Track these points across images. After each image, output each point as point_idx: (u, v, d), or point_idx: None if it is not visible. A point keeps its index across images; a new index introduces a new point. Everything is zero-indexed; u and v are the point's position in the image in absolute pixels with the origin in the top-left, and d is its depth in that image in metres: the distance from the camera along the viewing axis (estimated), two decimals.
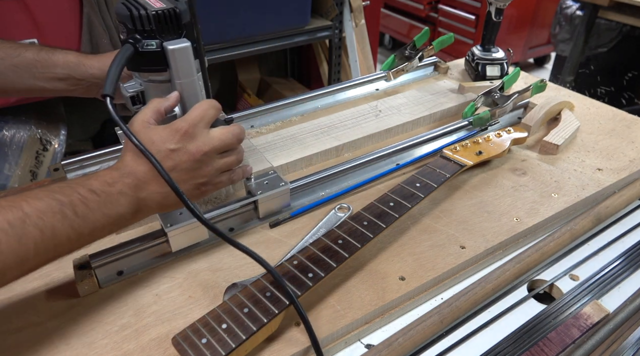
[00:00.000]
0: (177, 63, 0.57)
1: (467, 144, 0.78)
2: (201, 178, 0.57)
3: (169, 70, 0.58)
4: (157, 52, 0.57)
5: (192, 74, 0.59)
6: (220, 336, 0.48)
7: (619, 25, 2.22)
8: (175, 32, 0.58)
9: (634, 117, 0.96)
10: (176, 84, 0.59)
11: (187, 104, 0.60)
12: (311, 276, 0.54)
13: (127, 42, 0.56)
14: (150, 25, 0.56)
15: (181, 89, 0.60)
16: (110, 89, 0.53)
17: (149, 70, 0.59)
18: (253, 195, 0.67)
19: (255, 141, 0.84)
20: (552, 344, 0.53)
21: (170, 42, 0.57)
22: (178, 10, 0.57)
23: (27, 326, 0.55)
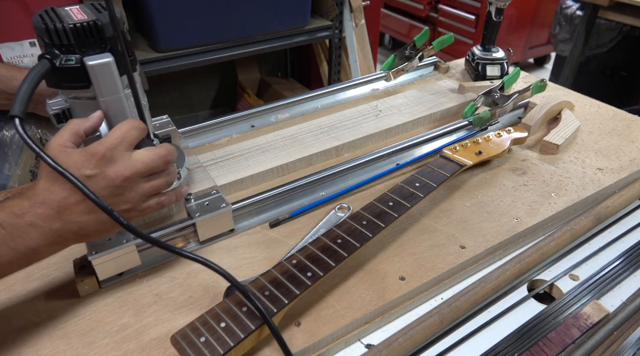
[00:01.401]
0: (98, 79, 0.52)
1: (467, 144, 0.78)
2: (124, 205, 0.52)
3: (92, 87, 0.53)
4: (77, 68, 0.51)
5: (117, 91, 0.54)
6: (219, 335, 0.48)
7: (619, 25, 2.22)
8: (98, 46, 0.52)
9: (634, 116, 0.96)
10: (100, 102, 0.54)
11: (114, 123, 0.55)
12: (310, 275, 0.54)
13: (44, 57, 0.51)
14: (68, 39, 0.51)
15: (106, 107, 0.54)
16: (18, 110, 0.47)
17: (71, 87, 0.54)
18: (191, 218, 0.64)
19: (255, 141, 0.84)
20: (552, 344, 0.53)
21: (91, 58, 0.52)
22: (100, 22, 0.52)
23: (28, 326, 0.55)
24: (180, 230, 0.64)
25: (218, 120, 0.90)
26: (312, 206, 0.72)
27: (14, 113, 0.47)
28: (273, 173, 0.78)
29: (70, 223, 0.48)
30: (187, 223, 0.63)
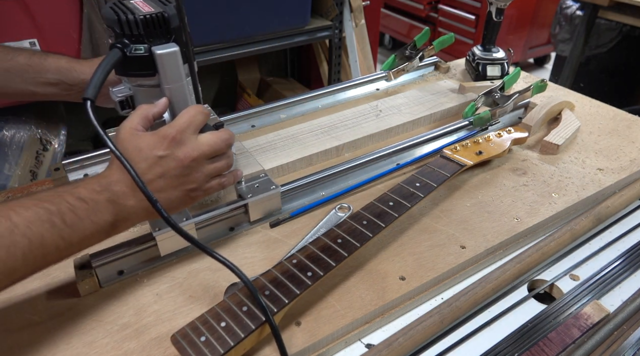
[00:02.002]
0: (165, 68, 0.57)
1: (467, 144, 0.78)
2: (191, 184, 0.56)
3: (158, 75, 0.58)
4: (146, 57, 0.56)
5: (180, 78, 0.59)
6: (219, 335, 0.48)
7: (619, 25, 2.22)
8: (164, 37, 0.57)
9: (634, 117, 0.96)
10: (165, 89, 0.58)
11: (177, 109, 0.60)
12: (310, 275, 0.54)
13: (115, 46, 0.55)
14: (138, 30, 0.55)
15: (170, 94, 0.59)
16: (91, 93, 0.52)
17: (138, 75, 0.58)
18: (243, 199, 0.67)
19: (255, 141, 0.84)
20: (552, 344, 0.53)
21: (159, 47, 0.56)
22: (166, 14, 0.56)
23: (28, 325, 0.55)
24: (233, 211, 0.67)
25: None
26: (312, 206, 0.72)
27: (86, 96, 0.52)
28: (273, 173, 0.78)
29: (142, 200, 0.51)
30: (240, 204, 0.67)
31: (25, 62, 0.68)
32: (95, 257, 0.59)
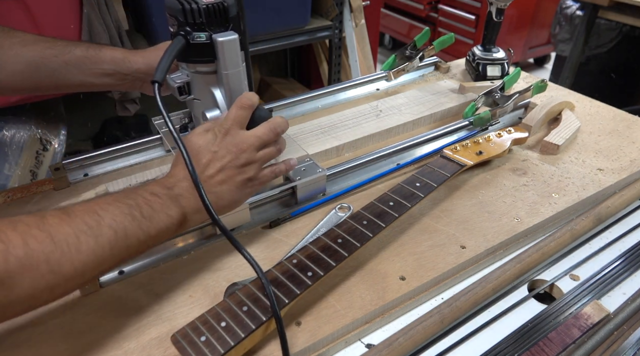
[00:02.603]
0: (225, 54, 0.60)
1: (467, 144, 0.78)
2: (246, 174, 0.59)
3: (217, 61, 0.61)
4: (207, 44, 0.60)
5: (238, 65, 0.63)
6: (220, 335, 0.48)
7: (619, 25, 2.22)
8: (223, 25, 0.60)
9: (634, 117, 0.96)
10: (223, 75, 0.62)
11: (233, 94, 0.64)
12: (310, 275, 0.54)
13: (179, 34, 0.59)
14: (200, 19, 0.59)
15: (227, 79, 0.63)
16: (160, 76, 0.57)
17: (198, 62, 0.62)
18: (291, 181, 0.71)
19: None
20: (552, 344, 0.53)
21: (219, 35, 0.60)
22: (226, 4, 0.60)
23: (28, 325, 0.55)
24: (282, 192, 0.72)
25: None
26: (312, 206, 0.72)
27: (155, 79, 0.57)
28: None
29: (209, 193, 0.55)
30: (289, 186, 0.71)
31: (83, 54, 0.71)
32: None
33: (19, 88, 0.72)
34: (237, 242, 0.53)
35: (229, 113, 0.60)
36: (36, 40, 0.70)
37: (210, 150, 0.57)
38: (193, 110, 0.71)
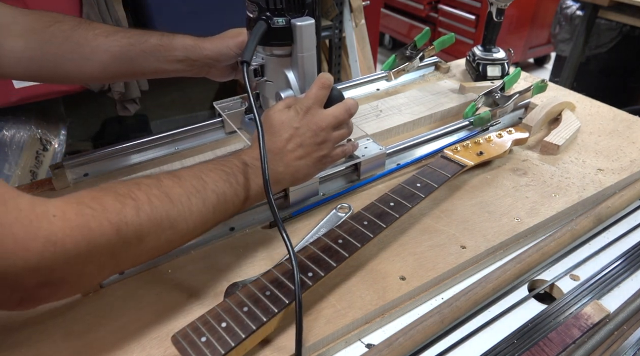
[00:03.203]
0: (302, 38, 0.65)
1: (468, 144, 0.78)
2: (322, 152, 0.64)
3: (293, 44, 0.66)
4: (286, 28, 0.65)
5: (312, 48, 0.67)
6: (220, 335, 0.48)
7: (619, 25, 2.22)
8: (299, 11, 0.65)
9: (634, 117, 0.96)
10: (298, 57, 0.67)
11: (306, 75, 0.69)
12: (311, 275, 0.54)
13: (261, 19, 0.64)
14: (280, 5, 0.63)
15: (302, 61, 0.67)
16: (248, 56, 0.62)
17: (275, 45, 0.67)
18: (354, 158, 0.77)
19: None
20: (552, 344, 0.53)
21: (297, 19, 0.64)
22: None
23: (29, 324, 0.55)
24: (347, 168, 0.77)
25: (219, 119, 0.90)
26: (312, 206, 0.72)
27: (244, 59, 0.62)
28: None
29: (289, 166, 0.61)
30: (354, 162, 0.76)
31: (157, 42, 0.75)
32: None
33: (105, 77, 0.76)
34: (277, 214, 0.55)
35: (309, 92, 0.64)
36: (115, 30, 0.74)
37: (292, 126, 0.61)
38: (264, 92, 0.74)
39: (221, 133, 0.91)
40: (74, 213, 0.43)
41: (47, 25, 0.70)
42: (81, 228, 0.42)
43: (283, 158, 0.61)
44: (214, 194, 0.54)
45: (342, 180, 0.78)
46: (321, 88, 0.64)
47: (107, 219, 0.44)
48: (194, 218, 0.52)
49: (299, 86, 0.70)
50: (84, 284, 0.48)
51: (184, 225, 0.51)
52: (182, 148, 0.86)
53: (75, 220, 0.42)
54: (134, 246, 0.47)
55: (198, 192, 0.53)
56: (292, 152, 0.61)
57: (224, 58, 0.77)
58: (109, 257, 0.46)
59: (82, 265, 0.44)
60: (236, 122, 0.85)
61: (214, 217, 0.55)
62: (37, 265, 0.40)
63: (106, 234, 0.44)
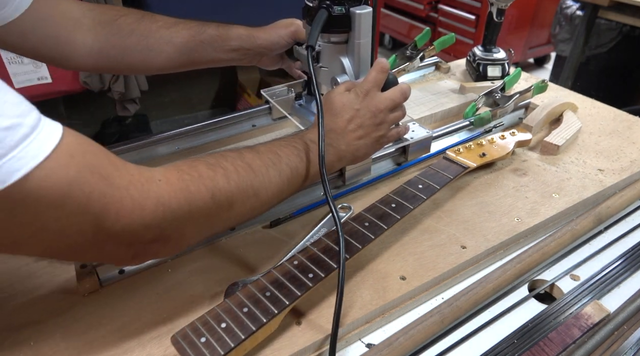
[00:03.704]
0: (361, 25, 0.68)
1: (470, 146, 0.78)
2: (379, 132, 0.67)
3: (351, 32, 0.69)
4: (344, 16, 0.68)
5: (369, 35, 0.70)
6: (220, 336, 0.48)
7: (619, 25, 2.22)
8: (357, 0, 0.68)
9: (635, 117, 0.96)
10: (355, 44, 0.70)
11: (362, 61, 0.72)
12: (311, 276, 0.54)
13: (322, 7, 0.67)
14: None
15: (359, 48, 0.70)
16: (313, 42, 0.66)
17: (334, 32, 0.70)
18: (403, 141, 0.79)
19: (256, 140, 0.84)
20: (552, 344, 0.53)
21: (356, 7, 0.67)
22: None
23: (29, 324, 0.55)
24: (396, 150, 0.81)
25: (218, 119, 0.90)
26: (312, 206, 0.72)
27: (309, 44, 0.66)
28: None
29: (350, 145, 0.64)
30: (402, 145, 0.80)
31: (215, 33, 0.78)
32: None
33: (167, 67, 0.79)
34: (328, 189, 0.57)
35: (368, 76, 0.66)
36: (175, 22, 0.77)
37: (353, 107, 0.64)
38: (317, 78, 0.75)
39: (268, 119, 0.94)
40: (176, 178, 0.48)
41: (113, 18, 0.73)
42: (183, 192, 0.47)
43: (345, 138, 0.64)
44: (287, 167, 0.58)
45: (390, 161, 0.82)
46: (380, 72, 0.66)
47: (204, 184, 0.49)
48: (272, 188, 0.56)
49: (354, 72, 0.73)
50: (184, 243, 0.52)
51: (265, 194, 0.56)
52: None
53: (177, 184, 0.47)
54: (225, 211, 0.52)
55: (274, 164, 0.57)
56: (353, 131, 0.64)
57: (276, 47, 0.82)
58: (205, 219, 0.51)
59: (184, 224, 0.48)
60: (285, 108, 0.88)
61: (288, 188, 0.59)
62: (150, 223, 0.45)
63: (203, 198, 0.49)
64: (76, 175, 0.39)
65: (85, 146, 0.42)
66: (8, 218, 0.37)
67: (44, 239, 0.40)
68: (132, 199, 0.43)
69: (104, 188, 0.41)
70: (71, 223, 0.40)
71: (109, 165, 0.43)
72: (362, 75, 0.73)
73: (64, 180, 0.38)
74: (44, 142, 0.37)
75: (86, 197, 0.40)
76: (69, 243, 0.42)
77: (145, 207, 0.44)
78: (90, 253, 0.46)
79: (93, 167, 0.41)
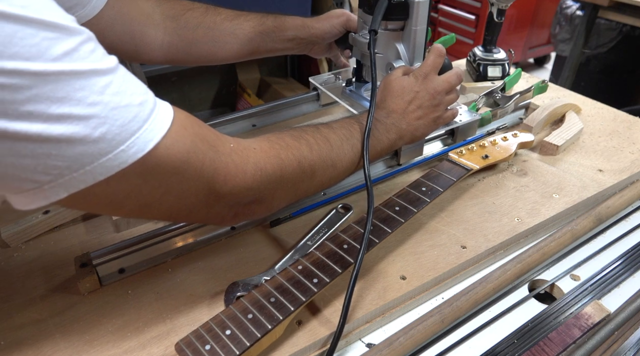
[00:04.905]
0: (419, 12, 0.72)
1: (473, 148, 0.78)
2: (437, 113, 0.70)
3: (408, 19, 0.73)
4: (403, 4, 0.72)
5: (425, 22, 0.74)
6: (224, 343, 0.47)
7: (619, 25, 2.22)
8: None
9: (635, 118, 0.96)
10: (412, 31, 0.74)
11: (416, 47, 0.76)
12: (316, 281, 0.54)
13: None
14: None
15: (415, 35, 0.74)
16: (375, 26, 0.70)
17: (393, 19, 0.73)
18: (453, 124, 0.82)
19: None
20: (553, 344, 0.53)
21: None
22: None
23: (29, 323, 0.55)
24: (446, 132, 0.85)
25: (218, 119, 0.90)
26: (313, 206, 0.72)
27: (373, 28, 0.70)
28: None
29: (410, 125, 0.68)
30: (452, 127, 0.83)
31: (272, 24, 0.82)
32: (96, 256, 0.59)
33: (230, 58, 0.82)
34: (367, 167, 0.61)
35: (427, 60, 0.70)
36: (236, 14, 0.81)
37: (413, 90, 0.68)
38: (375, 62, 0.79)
39: (316, 105, 0.99)
40: (268, 147, 0.53)
41: (181, 12, 0.77)
42: (276, 158, 0.52)
43: (405, 118, 0.67)
44: (358, 143, 0.62)
45: (440, 143, 0.85)
46: (438, 56, 0.70)
47: (292, 153, 0.54)
48: (347, 160, 0.61)
49: (408, 57, 0.76)
50: (274, 205, 0.56)
51: (341, 165, 0.60)
52: None
53: (270, 152, 0.52)
54: (308, 178, 0.57)
55: (347, 139, 0.61)
56: (412, 112, 0.68)
57: (329, 36, 0.85)
58: (292, 184, 0.55)
59: (276, 188, 0.53)
60: (335, 94, 0.91)
61: (359, 161, 0.62)
62: (251, 185, 0.50)
63: (292, 165, 0.54)
64: (191, 145, 0.44)
65: (192, 119, 0.47)
66: (142, 183, 0.42)
67: (168, 201, 0.45)
68: (235, 165, 0.48)
69: (213, 155, 0.46)
70: (190, 187, 0.45)
71: (212, 134, 0.48)
72: (416, 60, 0.77)
73: (183, 149, 0.43)
74: (165, 115, 0.42)
75: (200, 163, 0.45)
76: (187, 204, 0.47)
77: (246, 171, 0.49)
78: (202, 214, 0.50)
79: (202, 136, 0.46)
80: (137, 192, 0.42)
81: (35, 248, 0.65)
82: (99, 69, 0.37)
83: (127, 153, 0.39)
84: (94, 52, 0.38)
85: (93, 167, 0.38)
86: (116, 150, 0.38)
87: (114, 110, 0.38)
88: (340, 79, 0.96)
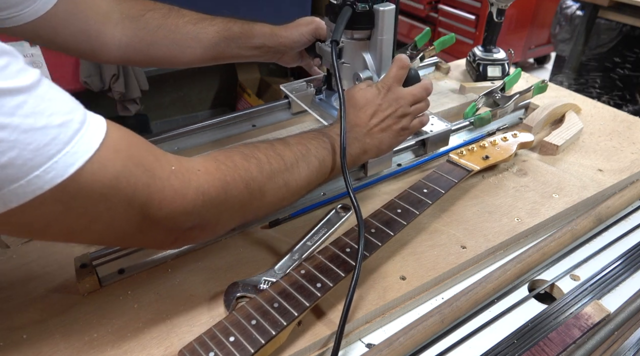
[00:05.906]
0: (384, 21, 0.70)
1: (473, 148, 0.78)
2: (401, 124, 0.68)
3: (374, 28, 0.72)
4: (368, 13, 0.70)
5: (391, 31, 0.72)
6: (228, 350, 0.47)
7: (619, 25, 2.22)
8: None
9: (634, 117, 0.96)
10: (378, 40, 0.72)
11: (383, 57, 0.74)
12: (320, 286, 0.53)
13: (346, 4, 0.69)
14: None
15: (381, 44, 0.73)
16: (337, 36, 0.68)
17: (358, 28, 0.72)
18: (422, 134, 0.80)
19: (257, 140, 0.84)
20: (552, 344, 0.53)
21: (380, 5, 0.70)
22: None
23: (29, 324, 0.55)
24: (415, 142, 0.82)
25: (218, 119, 0.90)
26: (313, 206, 0.72)
27: (334, 38, 0.68)
28: None
29: (374, 138, 0.66)
30: (422, 138, 0.81)
31: (239, 30, 0.80)
32: (95, 256, 0.59)
33: (192, 62, 0.80)
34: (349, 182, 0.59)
35: (389, 72, 0.68)
36: (201, 18, 0.79)
37: (375, 102, 0.66)
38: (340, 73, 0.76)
39: (287, 114, 0.96)
40: (214, 168, 0.50)
41: (141, 12, 0.75)
42: (220, 181, 0.50)
43: (369, 131, 0.66)
44: (316, 160, 0.60)
45: (411, 153, 0.83)
46: (400, 68, 0.68)
47: (239, 175, 0.52)
48: (302, 179, 0.58)
49: (375, 67, 0.74)
50: (219, 229, 0.55)
51: (295, 185, 0.58)
52: None
53: (215, 174, 0.50)
54: (257, 200, 0.54)
55: (304, 156, 0.59)
56: (376, 125, 0.66)
57: (297, 44, 0.84)
58: (239, 207, 0.53)
59: (220, 212, 0.51)
60: (305, 102, 0.89)
61: (316, 179, 0.61)
62: (191, 210, 0.47)
63: (238, 187, 0.51)
64: (122, 169, 0.41)
65: (128, 139, 0.44)
66: (64, 210, 0.39)
67: (97, 228, 0.43)
68: (173, 189, 0.45)
69: (148, 180, 0.44)
70: (120, 213, 0.43)
71: (150, 156, 0.45)
72: (383, 71, 0.75)
73: (112, 173, 0.40)
74: (93, 137, 0.39)
75: (132, 188, 0.42)
76: (118, 231, 0.45)
77: (186, 195, 0.46)
78: (136, 239, 0.48)
79: (137, 159, 0.43)
80: (59, 219, 0.40)
81: (35, 249, 0.65)
82: (9, 87, 0.34)
83: (43, 178, 0.36)
84: (6, 68, 0.34)
85: (2, 194, 0.35)
86: (29, 175, 0.35)
87: (25, 132, 0.34)
88: (312, 86, 0.93)
